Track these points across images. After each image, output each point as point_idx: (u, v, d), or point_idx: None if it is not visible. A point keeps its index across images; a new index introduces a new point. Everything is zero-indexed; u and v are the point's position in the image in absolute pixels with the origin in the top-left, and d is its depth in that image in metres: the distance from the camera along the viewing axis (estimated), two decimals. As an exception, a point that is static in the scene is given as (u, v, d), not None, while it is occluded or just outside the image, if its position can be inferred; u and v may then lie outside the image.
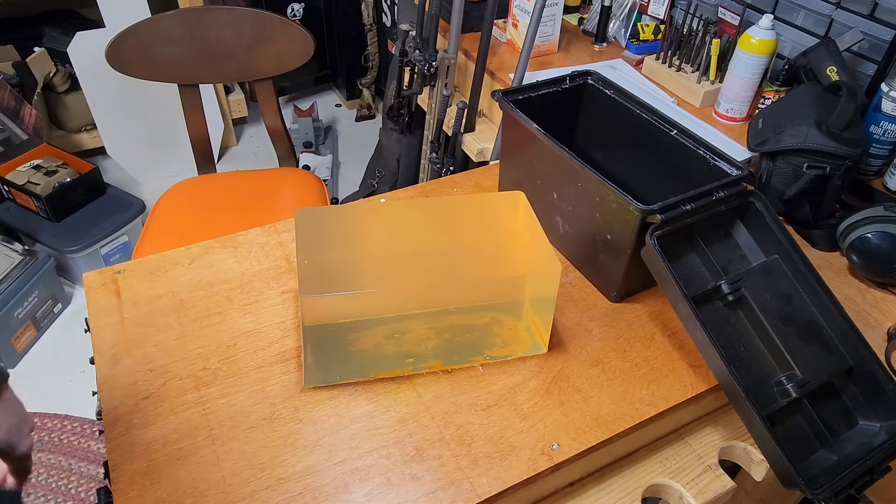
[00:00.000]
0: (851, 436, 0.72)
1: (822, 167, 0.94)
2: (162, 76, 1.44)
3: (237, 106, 2.53)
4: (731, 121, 1.26)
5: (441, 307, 0.71)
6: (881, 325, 0.87)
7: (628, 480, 0.74)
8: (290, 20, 1.45)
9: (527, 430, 0.69)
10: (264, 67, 1.48)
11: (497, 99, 0.92)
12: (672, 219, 0.73)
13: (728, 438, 0.78)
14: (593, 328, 0.82)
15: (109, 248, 1.97)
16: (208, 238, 0.91)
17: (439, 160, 1.63)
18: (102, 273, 0.85)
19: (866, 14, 1.15)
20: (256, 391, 0.72)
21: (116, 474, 0.64)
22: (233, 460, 0.65)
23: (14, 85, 2.10)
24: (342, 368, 0.73)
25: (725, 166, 0.81)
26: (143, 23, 1.38)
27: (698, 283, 0.76)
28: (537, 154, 0.89)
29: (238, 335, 0.78)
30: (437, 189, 1.06)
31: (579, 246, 0.88)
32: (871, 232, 0.89)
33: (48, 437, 1.62)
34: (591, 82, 0.98)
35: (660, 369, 0.77)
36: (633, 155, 0.95)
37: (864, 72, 1.18)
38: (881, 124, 1.07)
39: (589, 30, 1.60)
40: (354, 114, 2.79)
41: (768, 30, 1.15)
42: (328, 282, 0.69)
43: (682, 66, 1.38)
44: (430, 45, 1.52)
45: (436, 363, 0.75)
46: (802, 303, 0.76)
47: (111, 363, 0.74)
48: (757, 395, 0.69)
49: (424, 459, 0.66)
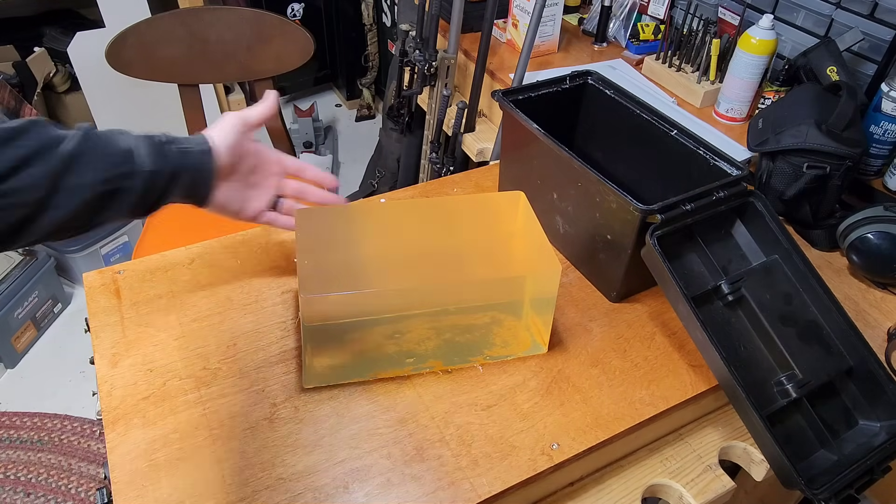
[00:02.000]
0: (851, 436, 0.72)
1: (822, 167, 0.94)
2: (162, 76, 1.44)
3: (237, 106, 2.53)
4: (731, 121, 1.26)
5: (441, 307, 0.71)
6: (881, 325, 0.87)
7: (628, 480, 0.74)
8: (290, 20, 1.46)
9: (527, 430, 0.69)
10: (264, 67, 1.48)
11: (497, 99, 0.92)
12: (672, 219, 0.73)
13: (728, 438, 0.78)
14: (593, 328, 0.82)
15: (109, 248, 1.97)
16: (208, 238, 0.91)
17: (439, 160, 1.63)
18: (102, 273, 0.85)
19: (866, 14, 1.15)
20: (256, 391, 0.72)
21: (116, 474, 0.64)
22: (233, 460, 0.65)
23: (14, 85, 2.10)
24: (342, 368, 0.73)
25: (725, 166, 0.81)
26: (143, 23, 1.38)
27: (698, 283, 0.76)
28: (537, 154, 0.89)
29: (238, 335, 0.78)
30: (437, 189, 1.06)
31: (579, 246, 0.88)
32: (871, 232, 0.89)
33: (48, 437, 1.62)
34: (591, 82, 0.98)
35: (660, 369, 0.77)
36: (633, 155, 0.95)
37: (864, 72, 1.18)
38: (881, 124, 1.07)
39: (589, 30, 1.60)
40: (354, 114, 2.79)
41: (768, 30, 1.15)
42: (328, 282, 0.69)
43: (682, 66, 1.38)
44: (430, 45, 1.52)
45: (436, 363, 0.75)
46: (802, 303, 0.76)
47: (111, 363, 0.74)
48: (757, 395, 0.69)
49: (424, 459, 0.66)
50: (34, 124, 0.56)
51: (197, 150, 0.66)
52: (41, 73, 2.14)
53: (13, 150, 0.53)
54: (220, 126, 0.70)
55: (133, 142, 0.61)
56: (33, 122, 0.56)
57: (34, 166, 0.54)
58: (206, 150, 0.67)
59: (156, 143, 0.63)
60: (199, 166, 0.66)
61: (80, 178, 0.56)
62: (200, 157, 0.66)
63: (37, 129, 0.55)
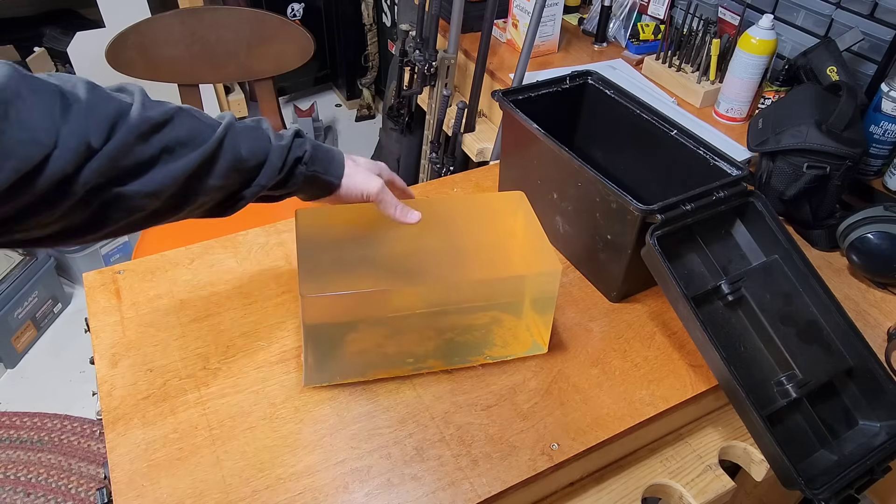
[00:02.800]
0: (851, 436, 0.72)
1: (822, 167, 0.94)
2: (162, 76, 1.44)
3: (237, 106, 2.53)
4: (731, 121, 1.26)
5: (441, 307, 0.71)
6: (881, 325, 0.87)
7: (628, 480, 0.74)
8: (290, 20, 1.46)
9: (527, 430, 0.69)
10: (264, 67, 1.48)
11: (497, 99, 0.92)
12: (672, 219, 0.73)
13: (728, 438, 0.78)
14: (593, 328, 0.82)
15: (109, 247, 1.97)
16: (208, 238, 0.92)
17: (439, 160, 1.63)
18: (102, 273, 0.85)
19: (866, 14, 1.15)
20: (256, 391, 0.72)
21: (116, 474, 0.64)
22: (233, 460, 0.65)
23: (14, 85, 2.10)
24: (342, 368, 0.73)
25: (725, 166, 0.81)
26: (143, 23, 1.38)
27: (698, 283, 0.76)
28: (537, 154, 0.89)
29: (238, 335, 0.78)
30: (437, 189, 1.06)
31: (579, 246, 0.88)
32: (871, 232, 0.89)
33: (48, 437, 1.62)
34: (591, 82, 0.99)
35: (660, 369, 0.77)
36: (633, 155, 0.95)
37: (864, 72, 1.18)
38: (881, 124, 1.07)
39: (589, 30, 1.60)
40: (354, 114, 2.79)
41: (768, 30, 1.15)
42: (328, 282, 0.69)
43: (682, 66, 1.38)
44: (430, 45, 1.52)
45: (436, 363, 0.75)
46: (802, 303, 0.76)
47: (111, 363, 0.74)
48: (757, 395, 0.69)
49: (424, 459, 0.66)
50: (180, 112, 0.57)
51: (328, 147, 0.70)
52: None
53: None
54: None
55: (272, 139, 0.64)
56: (180, 110, 0.57)
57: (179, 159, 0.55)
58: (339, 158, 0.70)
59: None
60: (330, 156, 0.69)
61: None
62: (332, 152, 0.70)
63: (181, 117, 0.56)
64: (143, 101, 0.53)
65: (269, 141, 0.63)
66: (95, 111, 0.49)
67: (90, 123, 0.48)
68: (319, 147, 0.68)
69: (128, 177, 0.52)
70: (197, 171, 0.56)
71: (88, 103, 0.49)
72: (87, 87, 0.50)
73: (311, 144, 0.67)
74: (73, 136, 0.47)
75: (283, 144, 0.64)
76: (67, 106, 0.48)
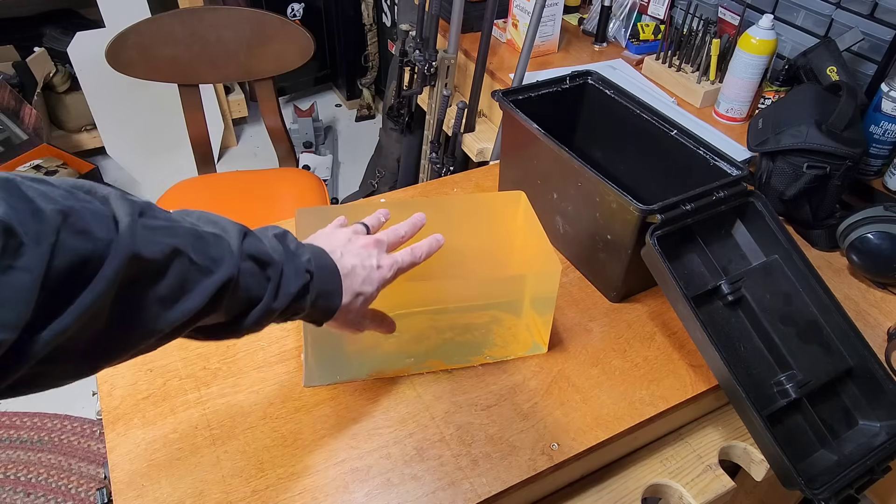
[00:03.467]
0: (851, 436, 0.72)
1: (822, 167, 0.94)
2: (162, 76, 1.44)
3: (237, 106, 2.53)
4: (731, 121, 1.26)
5: (441, 306, 0.71)
6: (881, 325, 0.87)
7: (628, 480, 0.74)
8: (290, 20, 1.46)
9: (527, 430, 0.69)
10: (264, 67, 1.48)
11: (497, 99, 0.92)
12: (672, 219, 0.73)
13: (728, 438, 0.78)
14: (593, 328, 0.82)
15: (109, 248, 1.97)
16: (208, 238, 0.91)
17: (439, 160, 1.63)
18: (102, 273, 0.85)
19: (866, 14, 1.15)
20: (256, 391, 0.72)
21: (116, 474, 0.64)
22: (233, 460, 0.65)
23: (14, 85, 2.10)
24: (342, 368, 0.73)
25: (725, 166, 0.81)
26: (143, 23, 1.38)
27: (698, 283, 0.76)
28: (537, 154, 0.89)
29: (238, 335, 0.78)
30: (437, 189, 1.06)
31: (579, 246, 0.88)
32: (871, 232, 0.89)
33: (48, 437, 1.62)
34: (591, 82, 0.98)
35: (660, 369, 0.77)
36: (633, 155, 0.95)
37: (864, 72, 1.18)
38: (881, 124, 1.07)
39: (589, 30, 1.60)
40: (354, 114, 2.79)
41: (768, 30, 1.15)
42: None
43: (682, 66, 1.38)
44: (430, 45, 1.52)
45: (436, 363, 0.75)
46: (802, 303, 0.76)
47: (111, 363, 0.74)
48: (757, 395, 0.69)
49: (424, 459, 0.66)
50: None
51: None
52: (41, 73, 2.14)
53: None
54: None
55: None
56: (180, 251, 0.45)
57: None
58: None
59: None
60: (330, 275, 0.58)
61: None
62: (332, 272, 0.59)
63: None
64: (133, 226, 0.40)
65: (273, 298, 0.52)
66: (59, 248, 0.34)
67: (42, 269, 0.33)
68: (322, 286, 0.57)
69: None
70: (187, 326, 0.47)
71: (45, 237, 0.34)
72: (56, 212, 0.35)
73: (316, 292, 0.56)
74: (17, 294, 0.33)
75: (290, 293, 0.53)
76: (16, 247, 0.33)
